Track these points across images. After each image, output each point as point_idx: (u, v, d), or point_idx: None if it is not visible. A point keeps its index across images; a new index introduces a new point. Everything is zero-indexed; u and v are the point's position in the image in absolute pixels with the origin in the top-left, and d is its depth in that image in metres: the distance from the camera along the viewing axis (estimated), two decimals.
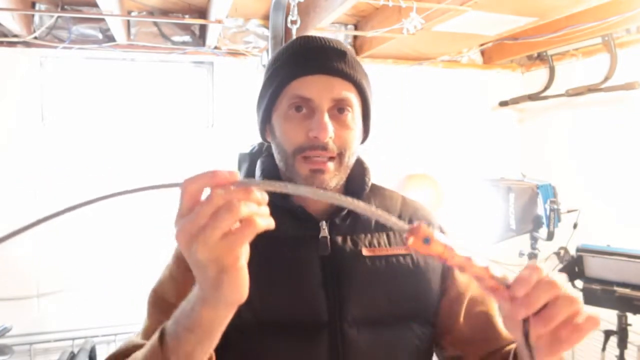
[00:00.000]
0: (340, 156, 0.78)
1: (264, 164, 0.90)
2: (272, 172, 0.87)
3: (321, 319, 0.76)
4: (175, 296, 0.74)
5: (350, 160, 0.81)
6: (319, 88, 0.77)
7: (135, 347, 0.71)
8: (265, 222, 0.49)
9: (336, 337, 0.76)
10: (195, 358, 0.57)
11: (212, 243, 0.47)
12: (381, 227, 0.84)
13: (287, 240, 0.79)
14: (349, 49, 0.83)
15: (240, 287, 0.51)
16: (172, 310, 0.60)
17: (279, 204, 0.81)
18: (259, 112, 0.86)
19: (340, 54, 0.79)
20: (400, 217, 0.87)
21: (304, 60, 0.79)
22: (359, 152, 0.90)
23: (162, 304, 0.79)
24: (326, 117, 0.76)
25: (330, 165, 0.77)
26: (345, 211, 0.83)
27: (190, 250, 0.48)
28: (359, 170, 0.88)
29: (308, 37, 0.84)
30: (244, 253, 0.51)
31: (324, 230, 0.80)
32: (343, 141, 0.78)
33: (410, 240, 0.49)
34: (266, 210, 0.50)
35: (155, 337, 0.60)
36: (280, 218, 0.81)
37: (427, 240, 0.49)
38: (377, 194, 0.90)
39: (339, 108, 0.78)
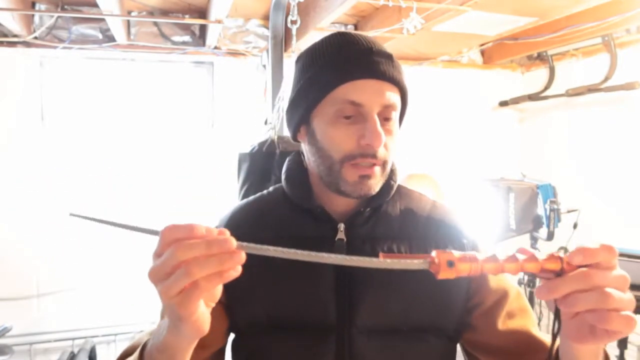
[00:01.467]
0: (385, 163, 0.77)
1: (289, 167, 0.88)
2: (297, 176, 0.86)
3: (329, 322, 0.76)
4: None
5: (391, 166, 0.81)
6: (370, 93, 0.73)
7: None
8: (216, 283, 0.50)
9: (343, 342, 0.75)
10: None
11: (169, 295, 0.50)
12: (406, 234, 0.81)
13: (304, 241, 0.77)
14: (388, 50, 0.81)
15: (196, 331, 0.54)
16: None
17: (298, 204, 0.82)
18: (295, 111, 0.81)
19: (388, 57, 0.77)
20: (427, 221, 0.84)
21: (352, 63, 0.75)
22: None
23: None
24: (379, 125, 0.73)
25: (377, 170, 0.76)
26: (367, 214, 0.81)
27: (156, 289, 0.51)
28: (388, 175, 0.86)
29: (350, 36, 0.79)
30: (202, 304, 0.53)
31: (341, 232, 0.79)
32: (389, 149, 0.77)
33: (438, 274, 0.49)
34: (237, 264, 0.50)
35: (137, 352, 0.65)
36: (299, 218, 0.82)
37: (451, 264, 0.49)
38: (404, 196, 0.88)
39: (386, 116, 0.76)
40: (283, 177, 0.88)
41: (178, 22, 2.69)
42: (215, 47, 2.78)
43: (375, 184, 0.77)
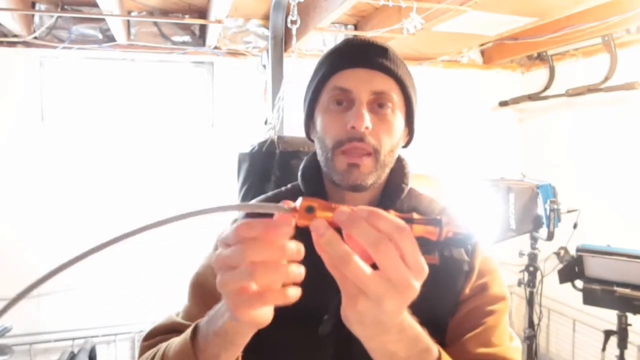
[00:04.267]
0: (376, 153, 0.76)
1: (305, 164, 0.89)
2: (311, 171, 0.87)
3: (326, 309, 0.74)
4: (213, 284, 0.77)
5: (387, 160, 0.79)
6: (358, 80, 0.76)
7: (174, 327, 0.78)
8: (281, 296, 0.47)
9: (342, 328, 0.75)
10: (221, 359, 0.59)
11: (226, 289, 0.48)
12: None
13: (311, 237, 0.77)
14: (393, 48, 0.82)
15: (254, 326, 0.53)
16: (209, 297, 0.63)
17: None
18: (304, 108, 0.86)
19: (382, 50, 0.79)
20: None
21: (345, 54, 0.80)
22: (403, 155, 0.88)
23: (200, 289, 0.83)
24: (364, 107, 0.74)
25: (367, 161, 0.75)
26: None
27: (217, 276, 0.49)
28: (398, 174, 0.86)
29: (353, 37, 0.84)
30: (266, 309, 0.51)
31: None
32: (380, 136, 0.76)
33: (296, 219, 0.46)
34: (296, 272, 0.48)
35: (188, 332, 0.63)
36: None
37: (310, 210, 0.46)
38: (413, 199, 0.86)
39: (379, 103, 0.77)
40: (299, 173, 0.89)
41: (178, 22, 2.69)
42: (215, 47, 2.78)
43: (366, 175, 0.76)
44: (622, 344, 1.99)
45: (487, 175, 2.52)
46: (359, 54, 0.78)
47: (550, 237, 2.23)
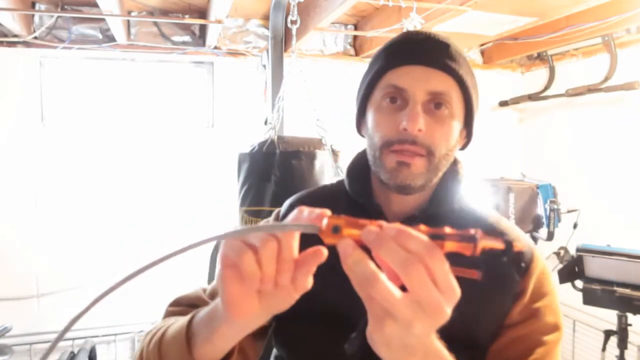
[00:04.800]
0: (430, 155, 0.71)
1: (353, 161, 0.86)
2: (358, 171, 0.83)
3: (355, 314, 0.74)
4: None
5: (441, 163, 0.73)
6: (413, 78, 0.71)
7: (197, 302, 0.77)
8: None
9: (368, 347, 0.73)
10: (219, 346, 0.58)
11: (227, 259, 0.47)
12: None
13: None
14: (455, 43, 0.76)
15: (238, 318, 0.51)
16: None
17: (356, 199, 0.80)
18: (356, 102, 0.82)
19: (442, 45, 0.73)
20: None
21: (401, 50, 0.74)
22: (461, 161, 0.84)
23: None
24: (418, 108, 0.70)
25: (418, 160, 0.71)
26: (420, 220, 0.73)
27: (218, 266, 0.49)
28: (450, 178, 0.80)
29: (413, 31, 0.78)
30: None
31: None
32: (435, 138, 0.71)
33: (325, 240, 0.44)
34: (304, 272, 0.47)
35: (186, 319, 0.62)
36: (354, 214, 0.78)
37: (336, 230, 0.44)
38: (464, 206, 0.80)
39: (436, 103, 0.71)
40: (345, 170, 0.86)
41: (178, 22, 2.69)
42: (215, 47, 2.78)
43: (416, 176, 0.71)
44: (622, 344, 1.99)
45: (487, 175, 2.52)
46: (416, 50, 0.73)
47: (550, 237, 2.23)
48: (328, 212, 0.46)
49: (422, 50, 0.72)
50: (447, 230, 0.44)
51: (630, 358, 2.24)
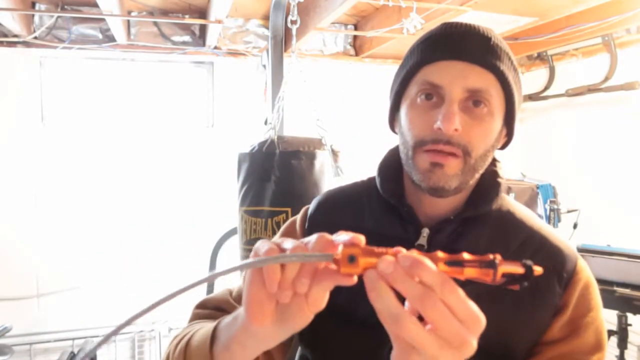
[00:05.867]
0: (466, 155, 0.67)
1: (384, 158, 0.82)
2: (390, 169, 0.79)
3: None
4: None
5: (478, 164, 0.69)
6: (451, 75, 0.66)
7: (224, 306, 0.76)
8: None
9: None
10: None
11: (254, 290, 0.47)
12: (492, 251, 0.73)
13: (382, 238, 0.67)
14: (498, 36, 0.71)
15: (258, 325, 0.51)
16: None
17: (386, 200, 0.77)
18: (390, 97, 0.77)
19: (483, 39, 0.68)
20: (521, 247, 0.72)
21: (438, 43, 0.69)
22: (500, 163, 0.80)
23: None
24: (454, 107, 0.65)
25: (453, 161, 0.66)
26: (456, 223, 0.72)
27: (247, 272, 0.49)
28: (488, 179, 0.76)
29: (452, 22, 0.72)
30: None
31: (423, 238, 0.72)
32: (472, 137, 0.66)
33: (340, 270, 0.44)
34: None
35: (210, 327, 0.61)
36: (385, 214, 0.77)
37: (352, 259, 0.43)
38: (498, 218, 0.74)
39: (474, 100, 0.67)
40: (376, 168, 0.82)
41: (178, 22, 2.69)
42: (215, 47, 2.78)
43: (450, 177, 0.67)
44: (622, 344, 1.99)
45: None
46: (454, 44, 0.68)
47: None
48: (362, 238, 0.44)
49: (461, 44, 0.68)
50: (466, 256, 0.43)
51: (630, 358, 2.25)
